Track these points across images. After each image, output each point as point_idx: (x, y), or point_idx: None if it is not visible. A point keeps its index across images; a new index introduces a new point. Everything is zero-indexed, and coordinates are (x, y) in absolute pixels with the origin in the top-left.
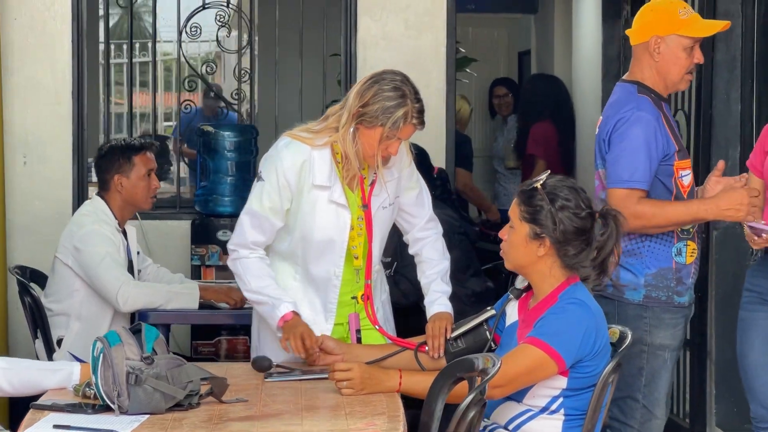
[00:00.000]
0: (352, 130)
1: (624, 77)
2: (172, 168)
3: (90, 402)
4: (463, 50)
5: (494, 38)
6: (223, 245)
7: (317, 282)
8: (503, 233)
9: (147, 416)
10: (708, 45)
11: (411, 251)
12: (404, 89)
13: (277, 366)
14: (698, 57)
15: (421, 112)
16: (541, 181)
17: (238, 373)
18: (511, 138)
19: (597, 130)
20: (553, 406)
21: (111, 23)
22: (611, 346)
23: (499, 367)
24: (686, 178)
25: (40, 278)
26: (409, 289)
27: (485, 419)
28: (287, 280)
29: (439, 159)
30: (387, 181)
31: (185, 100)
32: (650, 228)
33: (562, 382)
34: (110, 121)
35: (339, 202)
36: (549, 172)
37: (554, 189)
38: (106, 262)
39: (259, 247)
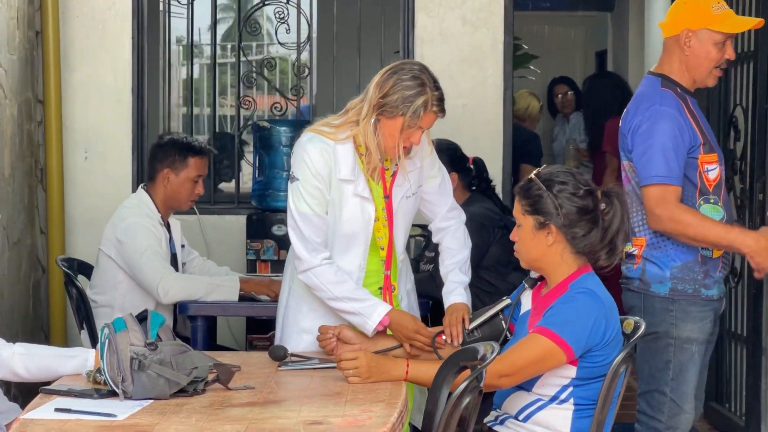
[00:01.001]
0: (373, 121)
1: (652, 69)
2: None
3: (100, 387)
4: (525, 47)
5: (570, 36)
6: (278, 240)
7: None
8: (513, 235)
9: (151, 401)
10: (764, 38)
11: (434, 240)
12: (423, 78)
13: (293, 355)
14: (729, 53)
15: (441, 100)
16: (536, 173)
17: (254, 361)
18: (577, 136)
19: (621, 122)
20: (563, 396)
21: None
22: (625, 336)
23: (496, 355)
24: (712, 172)
25: (89, 270)
26: None
27: (497, 409)
28: None
29: (496, 156)
30: (409, 171)
31: (244, 96)
32: (682, 236)
33: (572, 372)
34: (170, 118)
35: (363, 195)
36: (545, 166)
37: (549, 176)
38: (147, 254)
39: (320, 246)
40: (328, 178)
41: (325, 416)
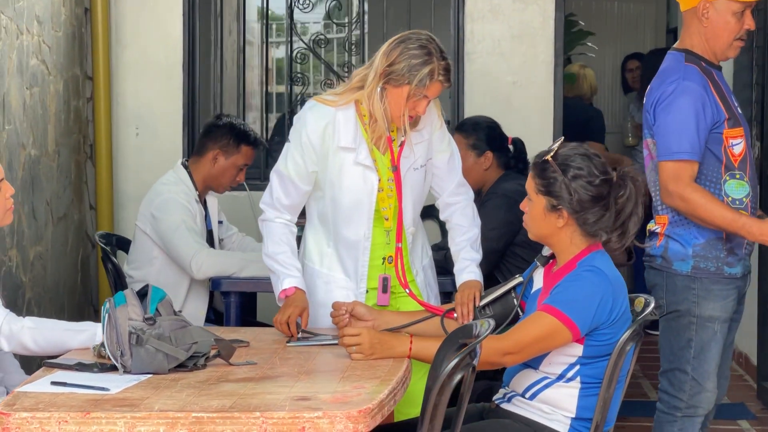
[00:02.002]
0: (379, 89)
1: (675, 45)
2: None
3: (105, 362)
4: (581, 23)
5: (641, 13)
6: None
7: (348, 245)
8: (524, 205)
9: (149, 376)
10: None
11: (442, 217)
12: (430, 47)
13: (304, 331)
14: (749, 23)
15: (447, 69)
16: (553, 153)
17: (264, 337)
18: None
19: (645, 98)
20: (569, 374)
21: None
22: (636, 315)
23: (490, 332)
24: (737, 147)
25: (128, 246)
26: None
27: (505, 387)
28: (322, 246)
29: (546, 133)
30: (416, 143)
31: (296, 73)
32: (691, 216)
33: (578, 350)
34: (223, 95)
35: (365, 163)
36: (562, 140)
37: (566, 159)
38: (181, 230)
39: (286, 209)
40: (320, 149)
41: (316, 392)
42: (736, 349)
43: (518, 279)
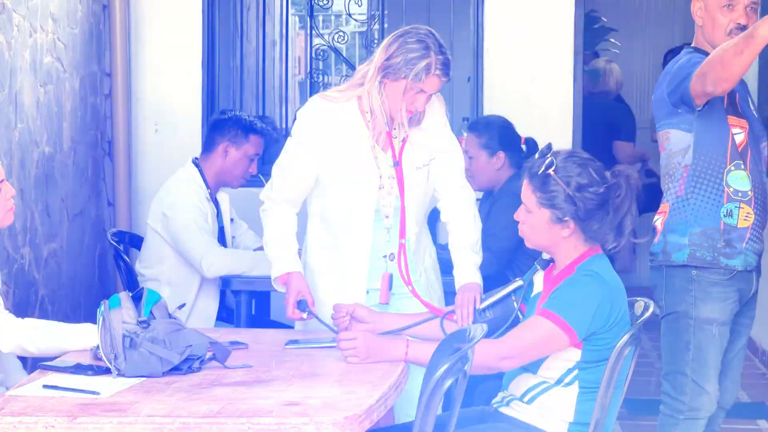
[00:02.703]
0: (377, 84)
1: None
2: None
3: (101, 364)
4: (604, 19)
5: (669, 8)
6: None
7: (348, 242)
8: (519, 215)
9: (142, 379)
10: None
11: (443, 218)
12: (428, 41)
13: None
14: (737, 17)
15: (445, 64)
16: (553, 167)
17: (264, 339)
18: None
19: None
20: (567, 379)
21: None
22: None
23: (481, 336)
24: (738, 136)
25: (141, 243)
26: (488, 258)
27: (504, 391)
28: (323, 244)
29: (566, 130)
30: (419, 142)
31: (315, 69)
32: (718, 70)
33: (576, 355)
34: (243, 90)
35: (366, 160)
36: (551, 146)
37: (566, 171)
38: (192, 229)
39: (286, 202)
40: (321, 146)
41: (306, 397)
42: (760, 346)
43: (518, 282)
